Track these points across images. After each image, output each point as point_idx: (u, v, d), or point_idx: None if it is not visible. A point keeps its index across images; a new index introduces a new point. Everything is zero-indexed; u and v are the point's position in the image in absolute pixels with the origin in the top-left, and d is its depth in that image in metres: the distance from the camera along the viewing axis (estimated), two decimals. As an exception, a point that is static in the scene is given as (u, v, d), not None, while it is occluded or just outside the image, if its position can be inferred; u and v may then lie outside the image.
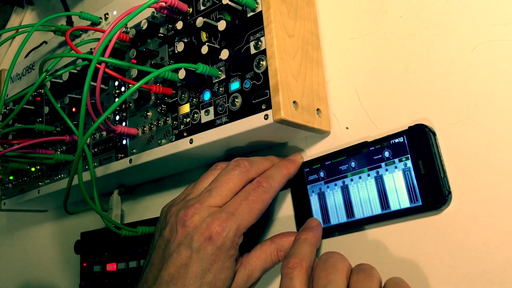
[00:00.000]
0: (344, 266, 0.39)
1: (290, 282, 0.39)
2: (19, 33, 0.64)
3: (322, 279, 0.38)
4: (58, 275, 0.77)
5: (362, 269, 0.39)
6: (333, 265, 0.39)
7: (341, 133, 0.47)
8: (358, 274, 0.38)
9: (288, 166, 0.46)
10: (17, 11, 1.02)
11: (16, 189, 0.71)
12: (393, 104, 0.44)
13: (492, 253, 0.37)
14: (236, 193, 0.44)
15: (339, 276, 0.38)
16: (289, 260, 0.40)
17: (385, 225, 0.43)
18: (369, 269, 0.39)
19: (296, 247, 0.42)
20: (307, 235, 0.43)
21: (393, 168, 0.42)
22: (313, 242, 0.43)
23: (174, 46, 0.52)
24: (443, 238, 0.39)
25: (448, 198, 0.39)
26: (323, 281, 0.38)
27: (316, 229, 0.44)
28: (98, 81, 0.44)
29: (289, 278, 0.39)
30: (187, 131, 0.49)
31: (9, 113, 0.72)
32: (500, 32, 0.39)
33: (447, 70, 0.41)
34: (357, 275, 0.38)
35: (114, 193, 0.63)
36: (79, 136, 0.45)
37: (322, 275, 0.38)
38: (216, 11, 0.48)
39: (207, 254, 0.41)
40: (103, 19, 0.62)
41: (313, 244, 0.43)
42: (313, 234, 0.43)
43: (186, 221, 0.42)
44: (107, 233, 0.64)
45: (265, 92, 0.43)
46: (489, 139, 0.38)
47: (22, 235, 0.86)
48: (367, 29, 0.47)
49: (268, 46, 0.43)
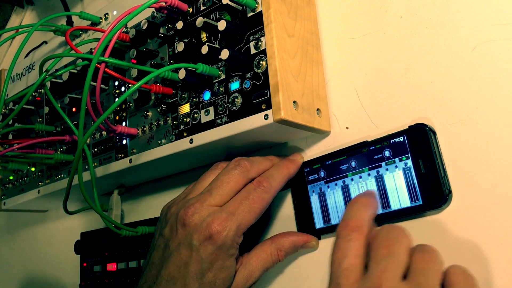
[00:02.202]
0: (407, 241, 0.36)
1: (347, 244, 0.36)
2: (19, 33, 0.64)
3: (384, 248, 0.35)
4: (58, 275, 0.77)
5: (427, 249, 0.36)
6: (397, 237, 0.36)
7: (341, 133, 0.47)
8: (422, 253, 0.35)
9: (288, 166, 0.46)
10: (17, 11, 1.02)
11: (16, 189, 0.71)
12: (393, 104, 0.44)
13: (492, 253, 0.37)
14: (236, 193, 0.44)
15: (402, 249, 0.35)
16: (348, 221, 0.37)
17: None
18: (433, 251, 0.36)
19: (356, 210, 0.38)
20: (369, 200, 0.39)
21: (393, 168, 0.42)
22: (374, 209, 0.39)
23: (174, 46, 0.52)
24: (443, 237, 0.39)
25: (449, 198, 0.39)
26: (384, 251, 0.35)
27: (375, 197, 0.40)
28: (98, 81, 0.44)
29: (346, 240, 0.36)
30: (187, 131, 0.49)
31: (9, 113, 0.72)
32: (500, 32, 0.39)
33: (447, 70, 0.41)
34: (421, 254, 0.35)
35: (114, 193, 0.63)
36: (79, 136, 0.45)
37: (384, 244, 0.35)
38: (216, 11, 0.48)
39: (207, 254, 0.41)
40: (103, 19, 0.62)
41: (374, 211, 0.39)
42: (374, 202, 0.39)
43: (186, 221, 0.42)
44: (107, 233, 0.64)
45: (265, 92, 0.43)
46: (489, 139, 0.38)
47: (22, 235, 0.86)
48: (367, 29, 0.47)
49: (268, 46, 0.43)
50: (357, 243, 0.36)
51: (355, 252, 0.35)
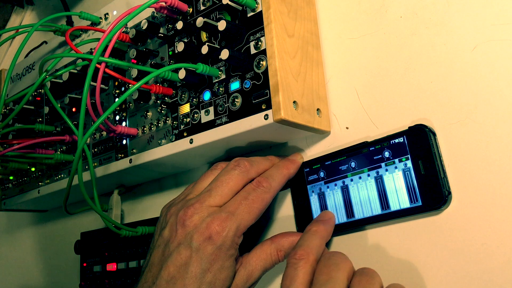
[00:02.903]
0: (346, 266, 0.39)
1: (294, 272, 0.39)
2: (19, 33, 0.64)
3: (324, 275, 0.38)
4: (58, 275, 0.77)
5: (365, 272, 0.39)
6: (336, 263, 0.39)
7: (341, 133, 0.47)
8: (360, 276, 0.38)
9: (288, 166, 0.46)
10: (17, 11, 1.02)
11: (16, 189, 0.71)
12: (393, 104, 0.44)
13: (492, 253, 0.37)
14: (236, 193, 0.44)
15: (341, 274, 0.38)
16: (296, 250, 0.40)
17: (385, 225, 0.43)
18: (371, 273, 0.39)
19: (305, 239, 0.42)
20: (318, 228, 0.43)
21: (393, 168, 0.42)
22: (323, 236, 0.42)
23: (174, 46, 0.52)
24: (443, 238, 0.39)
25: (448, 198, 0.39)
26: (324, 277, 0.38)
27: (328, 223, 0.43)
28: (98, 81, 0.44)
29: (293, 268, 0.39)
30: (187, 131, 0.49)
31: (9, 113, 0.72)
32: (500, 32, 0.39)
33: (447, 70, 0.41)
34: (359, 277, 0.38)
35: (114, 193, 0.63)
36: (79, 136, 0.45)
37: (324, 271, 0.38)
38: (216, 11, 0.48)
39: (207, 254, 0.41)
40: (103, 19, 0.62)
41: (323, 237, 0.42)
42: (325, 228, 0.43)
43: (186, 221, 0.42)
44: (107, 233, 0.64)
45: (265, 92, 0.43)
46: (489, 139, 0.38)
47: (22, 235, 0.86)
48: (367, 29, 0.47)
49: (268, 46, 0.43)
50: (302, 271, 0.39)
51: (300, 279, 0.38)
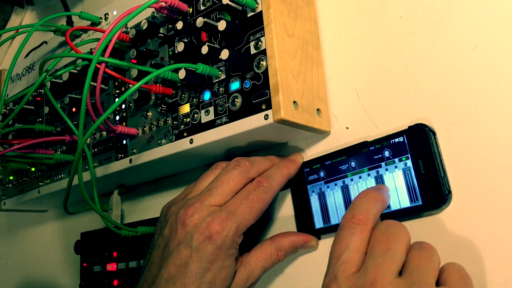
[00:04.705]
0: (405, 238, 0.36)
1: (350, 237, 0.36)
2: (19, 33, 0.64)
3: (382, 244, 0.35)
4: (58, 275, 0.77)
5: (425, 247, 0.36)
6: (395, 233, 0.36)
7: (341, 133, 0.47)
8: (420, 250, 0.35)
9: (289, 166, 0.46)
10: (17, 11, 1.02)
11: (16, 189, 0.71)
12: (393, 104, 0.44)
13: (492, 253, 0.37)
14: (236, 193, 0.44)
15: (399, 246, 0.35)
16: (354, 213, 0.37)
17: (385, 225, 0.43)
18: (431, 249, 0.36)
19: (364, 203, 0.38)
20: (379, 195, 0.39)
21: (393, 168, 0.42)
22: (383, 205, 0.39)
23: (174, 46, 0.52)
24: (443, 237, 0.39)
25: (448, 198, 0.39)
26: (382, 247, 0.35)
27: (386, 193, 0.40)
28: (98, 81, 0.44)
29: (350, 233, 0.36)
30: (187, 131, 0.49)
31: (9, 113, 0.72)
32: (500, 32, 0.39)
33: (447, 70, 0.41)
34: (418, 251, 0.35)
35: (114, 193, 0.63)
36: (79, 136, 0.45)
37: (382, 239, 0.35)
38: (216, 11, 0.48)
39: (207, 253, 0.41)
40: (103, 19, 0.62)
41: (383, 206, 0.39)
42: (384, 197, 0.40)
43: (186, 220, 0.42)
44: (107, 233, 0.64)
45: (265, 92, 0.43)
46: (489, 139, 0.38)
47: (22, 235, 0.86)
48: (367, 29, 0.47)
49: (268, 46, 0.43)
50: (360, 237, 0.36)
51: (356, 246, 0.36)
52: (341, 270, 0.35)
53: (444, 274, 0.35)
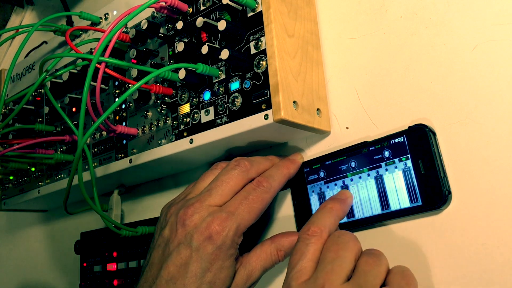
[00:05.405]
0: (355, 246, 0.39)
1: (305, 248, 0.39)
2: (19, 33, 0.64)
3: (332, 252, 0.38)
4: (58, 275, 0.77)
5: (373, 253, 0.39)
6: (345, 242, 0.38)
7: (341, 133, 0.47)
8: (368, 256, 0.38)
9: (288, 166, 0.46)
10: (17, 11, 1.02)
11: (16, 189, 0.71)
12: (393, 104, 0.44)
13: (492, 253, 0.37)
14: (236, 193, 0.44)
15: (349, 253, 0.38)
16: (309, 226, 0.40)
17: (385, 225, 0.43)
18: (379, 254, 0.39)
19: (320, 216, 0.41)
20: (334, 206, 0.42)
21: (393, 168, 0.42)
22: (339, 215, 0.42)
23: (174, 46, 0.52)
24: (443, 238, 0.39)
25: (448, 198, 0.39)
26: (332, 255, 0.37)
27: (344, 202, 0.43)
28: (98, 81, 0.44)
29: (305, 244, 0.39)
30: (187, 131, 0.49)
31: (9, 113, 0.72)
32: (500, 32, 0.39)
33: (447, 70, 0.41)
34: (366, 257, 0.38)
35: (114, 193, 0.63)
36: (79, 136, 0.45)
37: (332, 249, 0.38)
38: (216, 11, 0.48)
39: (207, 254, 0.41)
40: (103, 19, 0.62)
41: (338, 216, 0.42)
42: (341, 207, 0.42)
43: (186, 220, 0.42)
44: (107, 233, 0.64)
45: (265, 92, 0.43)
46: (489, 139, 0.38)
47: (22, 235, 0.86)
48: (367, 29, 0.47)
49: (268, 46, 0.43)
50: (313, 247, 0.39)
51: (310, 255, 0.38)
52: (294, 279, 0.38)
53: (388, 276, 0.37)
